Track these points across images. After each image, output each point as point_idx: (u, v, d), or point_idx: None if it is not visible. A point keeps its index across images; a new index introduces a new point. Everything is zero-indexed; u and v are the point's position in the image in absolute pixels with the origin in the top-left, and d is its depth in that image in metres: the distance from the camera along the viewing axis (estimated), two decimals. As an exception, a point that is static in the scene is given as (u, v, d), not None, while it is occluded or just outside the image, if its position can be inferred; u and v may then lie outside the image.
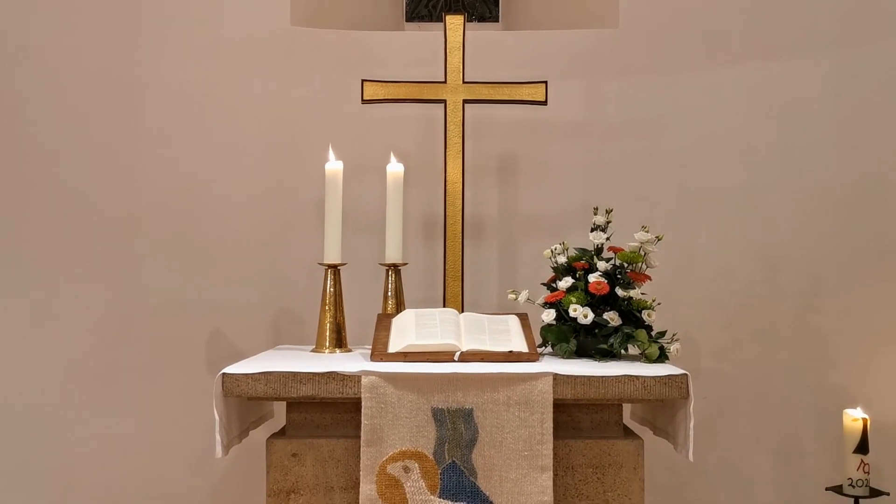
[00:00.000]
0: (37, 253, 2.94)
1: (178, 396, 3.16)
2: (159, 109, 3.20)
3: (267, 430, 2.71)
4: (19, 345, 2.88)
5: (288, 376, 2.33)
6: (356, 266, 2.90)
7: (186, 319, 3.21)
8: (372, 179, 3.15)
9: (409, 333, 2.50)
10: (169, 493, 3.14)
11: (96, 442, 3.02)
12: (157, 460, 3.12)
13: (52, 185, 2.98)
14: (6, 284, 2.87)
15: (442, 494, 2.27)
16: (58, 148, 2.99)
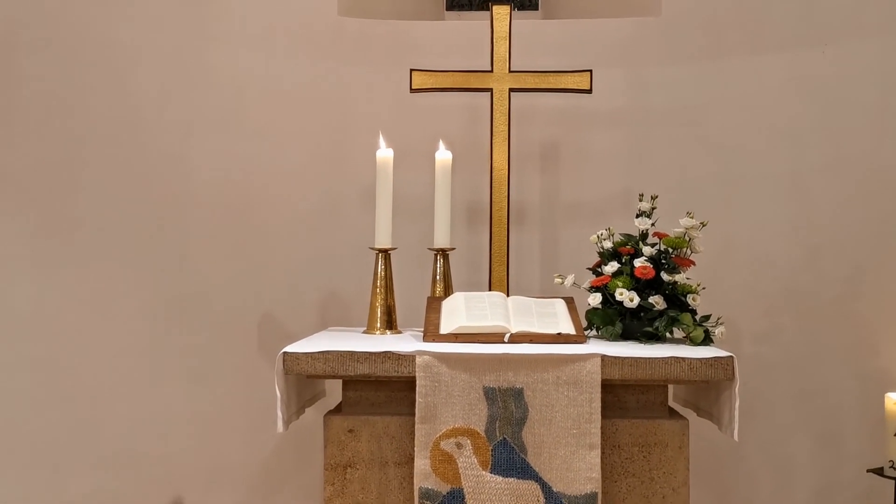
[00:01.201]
0: (97, 235, 3.05)
1: (232, 374, 3.28)
2: (213, 97, 3.29)
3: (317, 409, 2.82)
4: (83, 324, 3.00)
5: (345, 355, 2.43)
6: (401, 251, 2.98)
7: (238, 301, 3.32)
8: (417, 166, 3.23)
9: (460, 315, 2.58)
10: (225, 466, 3.26)
11: (156, 417, 3.13)
12: (214, 435, 3.24)
13: (111, 170, 3.08)
14: (69, 267, 2.98)
15: (493, 470, 2.36)
16: (117, 133, 3.09)
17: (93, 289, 3.03)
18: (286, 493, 3.37)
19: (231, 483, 3.28)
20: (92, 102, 3.05)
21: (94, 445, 3.00)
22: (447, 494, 2.35)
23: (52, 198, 2.97)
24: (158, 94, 3.19)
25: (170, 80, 3.22)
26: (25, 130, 2.91)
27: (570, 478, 2.34)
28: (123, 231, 3.11)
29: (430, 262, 3.05)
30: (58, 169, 2.97)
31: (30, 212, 2.92)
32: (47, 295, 2.93)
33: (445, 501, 2.35)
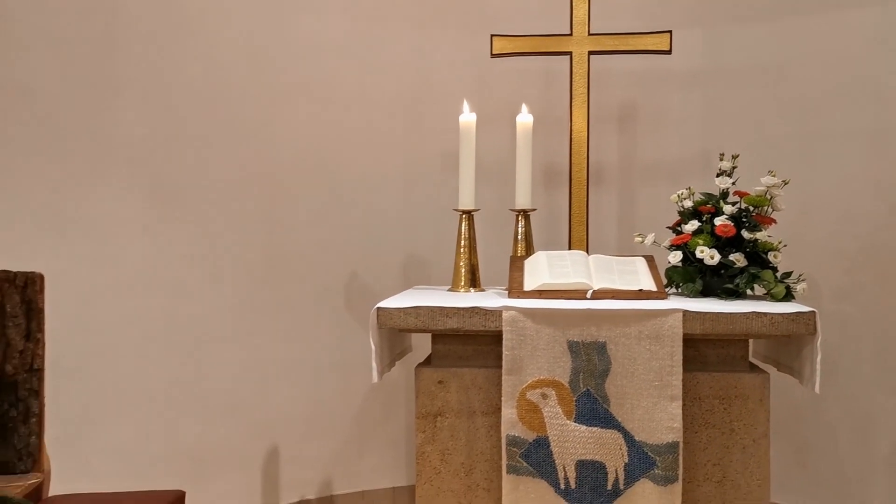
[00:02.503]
0: (199, 199, 3.24)
1: (323, 330, 3.46)
2: (301, 65, 3.43)
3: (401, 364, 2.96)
4: (188, 281, 3.21)
5: (435, 310, 2.56)
6: (481, 212, 3.07)
7: (327, 260, 3.49)
8: (495, 130, 3.32)
9: (543, 273, 2.68)
10: (319, 416, 3.46)
11: (255, 369, 3.34)
12: (308, 387, 3.44)
13: (208, 138, 3.25)
14: (174, 229, 3.18)
15: (577, 419, 2.47)
16: (211, 101, 3.25)
17: (196, 249, 3.23)
18: (375, 442, 3.56)
19: (325, 432, 3.48)
20: (188, 74, 3.21)
21: (200, 394, 3.22)
22: (533, 442, 2.47)
23: (158, 165, 3.16)
24: (247, 64, 3.33)
25: (257, 49, 3.36)
26: (131, 103, 3.10)
27: (651, 427, 2.44)
28: (222, 195, 3.29)
29: (508, 223, 3.14)
30: (161, 138, 3.16)
31: (139, 178, 3.12)
32: (156, 255, 3.14)
33: (531, 448, 2.48)
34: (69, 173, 2.97)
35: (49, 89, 2.93)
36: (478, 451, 2.58)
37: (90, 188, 3.01)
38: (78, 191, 2.99)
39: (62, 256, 2.84)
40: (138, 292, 3.09)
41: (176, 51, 3.18)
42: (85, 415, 2.99)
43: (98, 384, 3.00)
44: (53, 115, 2.94)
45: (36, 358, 1.78)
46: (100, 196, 3.03)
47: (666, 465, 2.42)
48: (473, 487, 2.59)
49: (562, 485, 2.47)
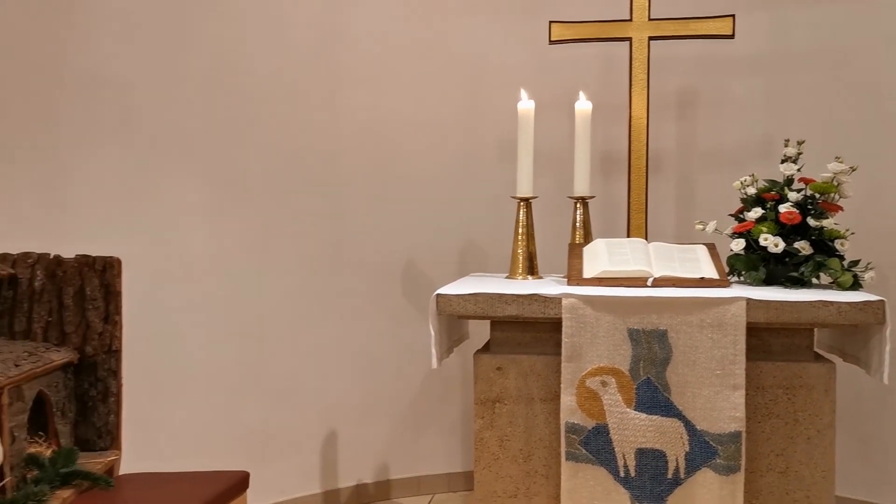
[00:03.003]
0: (261, 186, 3.30)
1: (381, 316, 3.51)
2: (360, 53, 3.46)
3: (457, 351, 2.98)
4: (250, 267, 3.27)
5: (494, 297, 2.57)
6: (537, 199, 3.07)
7: (385, 247, 3.53)
8: (551, 117, 3.31)
9: (602, 260, 2.67)
10: (376, 401, 3.52)
11: (315, 354, 3.40)
12: (366, 372, 3.49)
13: (271, 126, 3.31)
14: (237, 215, 3.25)
15: (637, 407, 2.46)
16: (273, 89, 3.31)
17: (258, 235, 3.29)
18: (432, 428, 3.60)
19: (381, 417, 3.53)
20: (251, 63, 3.27)
21: (261, 379, 3.29)
22: (592, 429, 2.47)
23: (221, 152, 3.22)
24: (308, 52, 3.38)
25: (318, 37, 3.40)
26: (197, 91, 3.16)
27: (713, 417, 2.42)
28: (283, 182, 3.34)
29: (564, 211, 3.14)
30: (226, 126, 3.22)
31: (203, 165, 3.19)
32: (219, 241, 3.21)
33: (590, 436, 2.48)
34: (139, 161, 3.05)
35: (119, 77, 3.01)
36: (536, 437, 2.59)
37: (159, 176, 3.09)
38: (147, 178, 3.07)
39: (132, 241, 2.92)
40: (203, 278, 3.17)
41: (240, 40, 3.24)
42: (152, 396, 3.08)
43: (165, 367, 3.08)
44: (123, 103, 3.02)
45: (114, 340, 1.85)
46: (167, 183, 3.11)
47: (728, 454, 2.40)
48: (532, 474, 2.60)
49: (621, 472, 2.47)
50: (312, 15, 3.39)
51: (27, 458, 1.60)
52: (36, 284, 1.82)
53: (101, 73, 2.99)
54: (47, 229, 2.77)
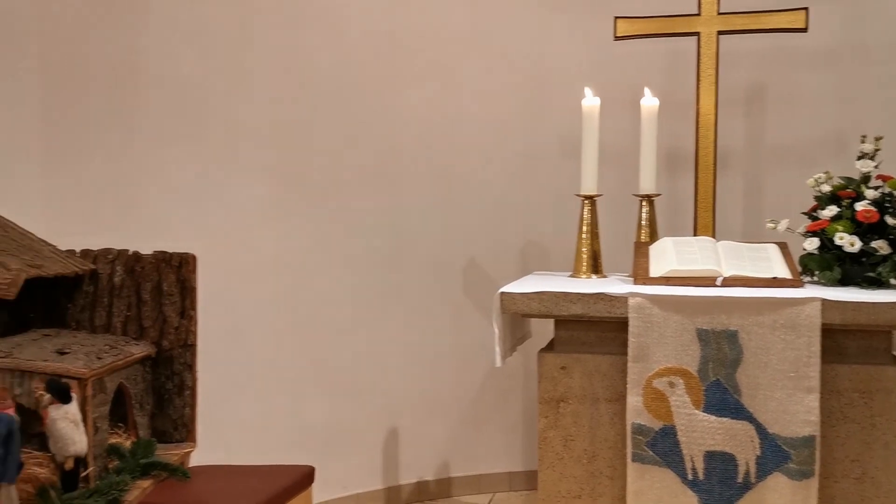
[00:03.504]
0: (325, 185, 3.34)
1: (442, 315, 3.51)
2: (423, 51, 3.47)
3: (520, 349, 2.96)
4: (314, 266, 3.32)
5: (559, 296, 2.55)
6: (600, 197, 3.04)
7: (446, 246, 3.53)
8: (614, 114, 3.25)
9: (670, 259, 2.63)
10: (437, 399, 3.52)
11: (377, 352, 3.43)
12: (427, 370, 3.51)
13: (334, 126, 3.35)
14: (302, 215, 3.29)
15: (706, 409, 2.41)
16: (338, 88, 3.34)
17: (321, 233, 3.33)
18: (492, 427, 3.59)
19: (442, 415, 3.54)
20: (316, 62, 3.31)
21: (324, 374, 3.33)
22: (659, 431, 2.44)
23: (286, 151, 3.27)
24: (373, 51, 3.40)
25: (382, 37, 3.42)
26: (263, 92, 3.22)
27: (786, 420, 2.35)
28: (346, 180, 3.37)
29: (627, 208, 3.10)
30: (290, 126, 3.27)
31: (270, 164, 3.24)
32: (285, 238, 3.26)
33: (657, 437, 2.44)
34: (209, 159, 3.12)
35: (189, 79, 3.08)
36: (601, 437, 2.57)
37: (227, 174, 3.16)
38: (216, 176, 3.14)
39: (201, 238, 2.98)
40: (268, 274, 3.22)
41: (306, 40, 3.28)
42: (219, 390, 3.13)
43: (231, 362, 3.14)
44: (193, 104, 3.09)
45: (189, 334, 1.89)
46: (235, 181, 3.17)
47: (801, 459, 2.33)
48: (596, 474, 2.58)
49: (689, 475, 2.43)
50: (372, 15, 3.41)
51: (109, 449, 1.65)
52: (116, 280, 1.87)
53: (173, 75, 3.06)
54: (122, 227, 2.86)
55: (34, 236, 1.90)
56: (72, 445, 1.48)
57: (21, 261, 1.69)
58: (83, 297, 1.86)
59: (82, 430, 1.50)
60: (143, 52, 3.02)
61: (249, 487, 2.48)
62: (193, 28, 3.10)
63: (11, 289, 1.53)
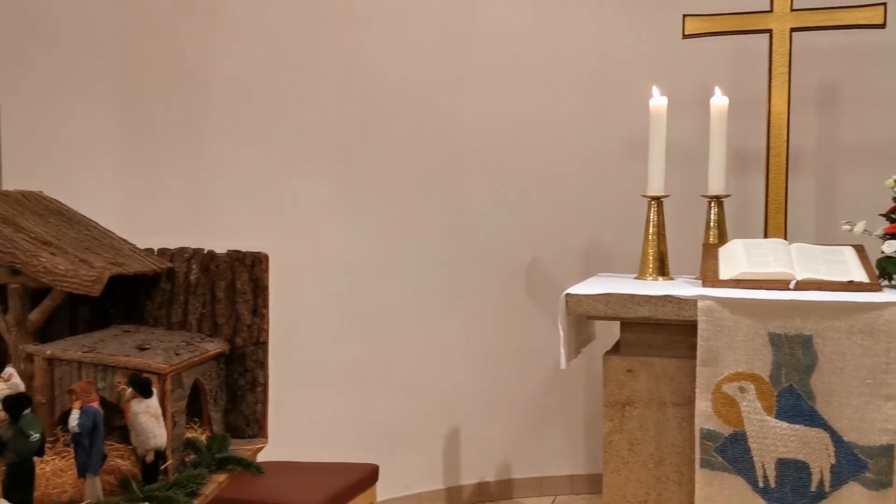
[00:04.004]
0: (390, 185, 3.38)
1: (504, 315, 3.51)
2: (486, 51, 3.47)
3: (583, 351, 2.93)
4: (379, 265, 3.35)
5: (626, 298, 2.52)
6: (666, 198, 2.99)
7: (509, 247, 3.53)
8: (680, 113, 3.20)
9: (740, 261, 2.57)
10: (498, 400, 3.52)
11: (440, 351, 3.44)
12: (489, 370, 3.50)
13: (398, 126, 3.38)
14: (366, 214, 3.33)
15: (778, 415, 2.35)
16: (402, 88, 3.37)
17: (387, 233, 3.36)
18: (554, 429, 3.57)
19: (503, 416, 3.54)
20: (381, 63, 3.34)
21: (387, 374, 3.36)
22: (729, 437, 2.39)
23: (353, 152, 3.31)
24: (436, 51, 3.42)
25: (444, 38, 3.43)
26: (330, 93, 3.26)
27: (862, 428, 2.28)
28: (411, 180, 3.40)
29: (693, 210, 3.04)
30: (356, 127, 3.31)
31: (335, 164, 3.29)
32: (350, 238, 3.30)
33: (727, 443, 2.39)
34: (278, 160, 3.18)
35: (259, 81, 3.15)
36: (668, 442, 2.53)
37: (294, 174, 3.22)
38: (284, 177, 3.20)
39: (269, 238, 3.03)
40: (335, 274, 3.27)
41: (369, 43, 3.32)
42: (284, 387, 3.18)
43: (297, 360, 3.19)
44: (263, 106, 3.15)
45: (261, 332, 1.93)
46: (302, 182, 3.22)
47: (879, 468, 2.26)
48: (663, 479, 2.54)
49: (760, 483, 2.37)
50: (437, 15, 3.43)
51: (186, 443, 1.69)
52: (191, 278, 1.92)
53: (244, 77, 3.13)
54: (192, 226, 2.93)
55: (114, 235, 1.97)
56: (153, 439, 1.52)
57: (104, 259, 1.74)
58: (160, 294, 1.91)
59: (162, 424, 1.54)
60: (215, 56, 3.09)
61: (316, 484, 2.52)
62: (262, 32, 3.16)
63: (96, 286, 1.58)
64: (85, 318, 1.84)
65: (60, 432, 1.61)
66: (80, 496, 1.44)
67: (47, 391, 1.61)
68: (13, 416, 1.38)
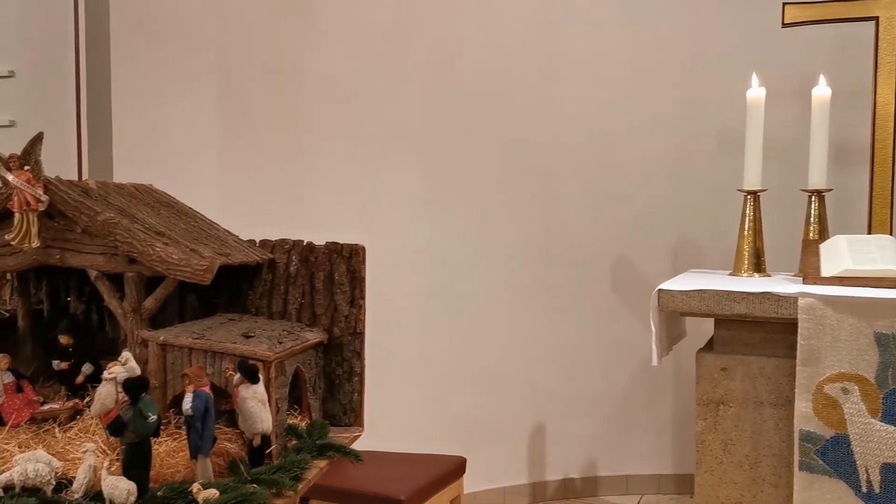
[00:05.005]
0: (477, 179, 3.39)
1: (590, 311, 3.47)
2: (575, 44, 3.45)
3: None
4: (465, 259, 3.37)
5: (722, 295, 2.47)
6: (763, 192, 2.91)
7: (595, 241, 3.49)
8: (778, 104, 3.10)
9: (844, 258, 2.48)
10: (583, 396, 3.49)
11: (524, 346, 3.44)
12: (574, 366, 3.48)
13: (486, 119, 3.38)
14: (454, 208, 3.35)
15: (884, 418, 2.26)
16: (489, 83, 3.37)
17: (473, 227, 3.38)
18: (640, 427, 3.52)
19: (589, 413, 3.50)
20: (468, 58, 3.35)
21: (472, 367, 3.38)
22: (830, 439, 2.31)
23: (441, 146, 3.34)
24: (523, 48, 3.41)
25: (532, 33, 3.42)
26: (418, 88, 3.29)
27: (978, 434, 2.17)
28: (497, 175, 3.41)
29: (790, 205, 2.95)
30: (444, 121, 3.33)
31: (421, 159, 3.32)
32: (437, 232, 3.33)
33: (828, 446, 2.31)
34: (365, 154, 3.23)
35: (349, 78, 3.20)
36: (764, 443, 2.46)
37: (383, 169, 3.26)
38: (374, 172, 3.24)
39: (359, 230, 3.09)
40: (422, 267, 3.30)
41: (457, 38, 3.33)
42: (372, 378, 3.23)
43: (384, 352, 3.23)
44: (353, 102, 3.21)
45: (358, 322, 1.96)
46: (388, 176, 3.27)
47: None
48: (759, 481, 2.47)
49: (863, 488, 2.29)
50: (525, 9, 3.42)
51: (288, 429, 1.74)
52: (291, 269, 1.96)
53: (335, 74, 3.19)
54: (286, 219, 3.00)
55: (219, 226, 2.03)
56: (260, 423, 1.56)
57: (211, 249, 1.80)
58: (262, 284, 1.96)
59: (268, 410, 1.59)
60: (307, 53, 3.16)
61: (406, 474, 2.56)
62: (352, 28, 3.21)
63: (207, 274, 1.64)
64: (192, 306, 1.91)
65: (172, 415, 1.67)
66: (192, 476, 1.49)
67: (160, 375, 1.67)
68: (133, 397, 1.44)
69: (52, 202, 1.66)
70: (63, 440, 1.65)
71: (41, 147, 1.63)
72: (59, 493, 1.42)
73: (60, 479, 1.44)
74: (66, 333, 1.85)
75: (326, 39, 3.19)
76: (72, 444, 1.63)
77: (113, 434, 1.46)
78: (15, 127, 2.93)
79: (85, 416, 1.72)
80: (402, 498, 2.41)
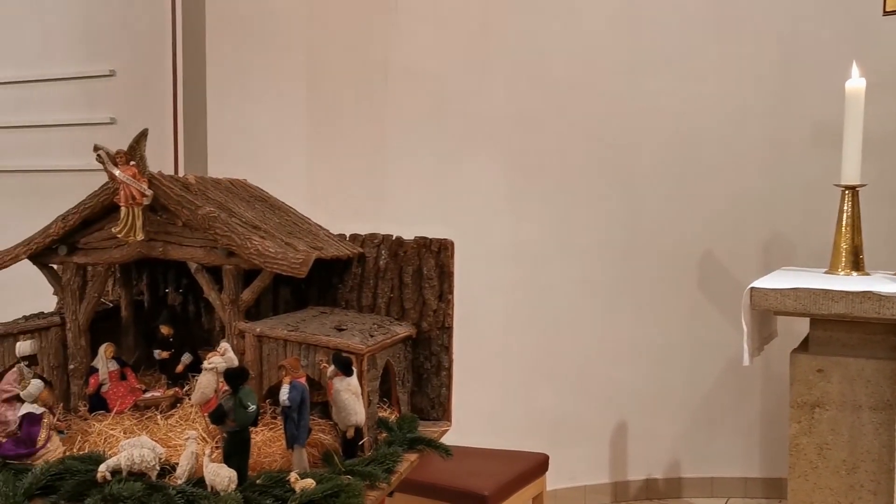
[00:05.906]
0: (559, 174, 3.36)
1: (675, 309, 3.40)
2: (659, 39, 3.38)
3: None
4: (548, 255, 3.35)
5: (818, 293, 2.37)
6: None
7: (682, 238, 3.42)
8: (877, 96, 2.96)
9: (952, 257, 2.36)
10: (667, 395, 3.43)
11: (607, 344, 3.40)
12: (658, 365, 3.42)
13: (568, 113, 3.35)
14: (536, 203, 3.33)
15: None
16: (572, 78, 3.35)
17: (556, 223, 3.35)
18: (727, 427, 3.43)
19: (673, 412, 3.44)
20: (551, 53, 3.33)
21: (554, 364, 3.35)
22: (936, 446, 2.20)
23: (523, 141, 3.32)
24: (607, 41, 3.36)
25: (617, 25, 3.37)
26: (501, 83, 3.29)
27: None
28: (581, 169, 3.37)
29: (888, 200, 2.82)
30: (527, 115, 3.31)
31: (505, 153, 3.31)
32: (519, 227, 3.32)
33: (934, 453, 2.20)
34: (448, 147, 3.25)
35: (433, 71, 3.22)
36: (863, 448, 2.36)
37: (464, 162, 3.26)
38: (456, 166, 3.25)
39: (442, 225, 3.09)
40: (504, 262, 3.29)
41: (540, 32, 3.31)
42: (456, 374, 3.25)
43: (466, 348, 3.23)
44: (437, 96, 3.22)
45: (447, 317, 1.96)
46: (471, 169, 3.27)
47: None
48: (856, 487, 2.38)
49: (971, 498, 2.17)
50: (610, 1, 3.36)
51: (378, 422, 1.76)
52: (381, 263, 1.98)
53: (419, 67, 3.21)
54: (371, 213, 3.04)
55: (311, 221, 2.07)
56: (353, 416, 1.58)
57: (305, 243, 1.84)
58: (352, 278, 1.99)
59: (361, 402, 1.61)
60: (392, 48, 3.19)
61: (491, 470, 2.56)
62: (437, 23, 3.22)
63: (303, 268, 1.67)
64: (285, 298, 1.95)
65: (268, 405, 1.71)
66: (288, 466, 1.52)
67: (256, 366, 1.71)
68: (233, 387, 1.48)
69: (156, 196, 1.71)
70: (164, 427, 1.71)
71: (146, 143, 1.69)
72: (162, 478, 1.47)
73: (164, 465, 1.49)
74: (166, 324, 1.92)
75: (412, 35, 3.21)
76: (173, 431, 1.69)
77: (214, 422, 1.50)
78: (115, 124, 3.05)
79: (185, 404, 1.78)
80: (485, 494, 2.41)
